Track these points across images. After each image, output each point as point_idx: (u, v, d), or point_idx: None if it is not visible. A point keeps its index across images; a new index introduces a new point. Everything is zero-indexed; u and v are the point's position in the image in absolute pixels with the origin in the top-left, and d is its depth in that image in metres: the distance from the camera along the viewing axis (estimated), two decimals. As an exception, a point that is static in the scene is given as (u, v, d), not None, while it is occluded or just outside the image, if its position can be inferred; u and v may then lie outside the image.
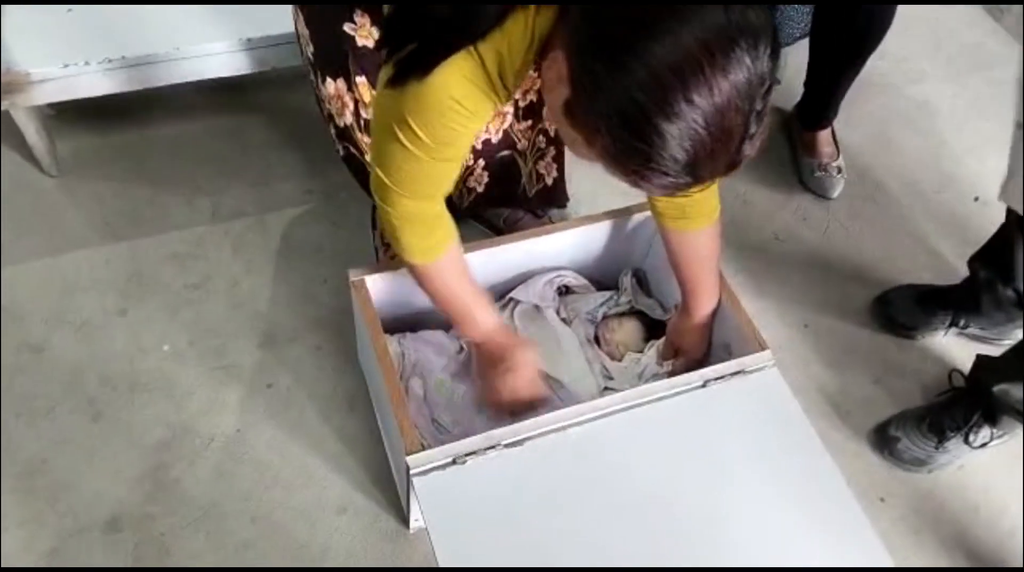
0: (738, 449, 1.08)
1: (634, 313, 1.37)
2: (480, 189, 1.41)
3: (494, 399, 1.15)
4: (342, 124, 1.27)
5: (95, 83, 1.39)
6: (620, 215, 1.29)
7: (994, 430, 1.34)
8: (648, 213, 1.30)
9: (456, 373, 1.29)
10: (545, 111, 1.28)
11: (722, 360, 1.13)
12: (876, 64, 1.66)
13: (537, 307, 1.33)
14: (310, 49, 1.23)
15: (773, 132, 1.86)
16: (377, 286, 1.19)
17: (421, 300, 1.28)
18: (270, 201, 1.64)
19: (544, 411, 1.06)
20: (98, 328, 1.44)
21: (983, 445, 1.35)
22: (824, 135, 1.75)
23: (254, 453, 1.32)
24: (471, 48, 0.79)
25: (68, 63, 1.36)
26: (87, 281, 1.50)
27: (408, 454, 1.00)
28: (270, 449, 1.33)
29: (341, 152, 1.36)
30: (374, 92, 1.15)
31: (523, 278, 1.34)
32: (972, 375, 1.37)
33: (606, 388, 1.29)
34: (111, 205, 1.61)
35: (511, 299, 1.34)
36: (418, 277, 1.07)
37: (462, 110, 0.84)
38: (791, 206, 1.74)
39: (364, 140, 1.27)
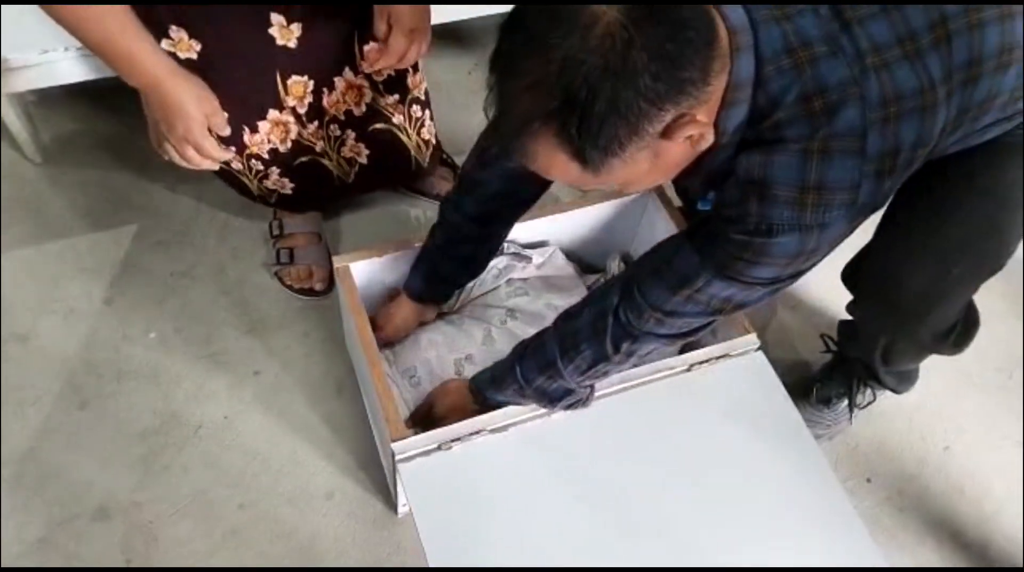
0: (723, 433, 1.08)
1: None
2: (288, 192, 1.38)
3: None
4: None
5: (74, 69, 1.37)
6: (608, 198, 1.28)
7: (875, 388, 1.35)
8: (635, 196, 1.30)
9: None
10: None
11: (707, 344, 1.14)
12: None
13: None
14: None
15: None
16: (362, 272, 1.19)
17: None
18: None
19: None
20: (84, 316, 1.43)
21: (869, 404, 1.36)
22: None
23: (242, 440, 1.32)
24: None
25: (47, 49, 1.34)
26: (72, 269, 1.49)
27: (393, 440, 1.00)
28: (258, 436, 1.33)
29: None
30: None
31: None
32: (839, 343, 1.37)
33: None
34: (95, 192, 1.59)
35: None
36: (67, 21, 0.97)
37: None
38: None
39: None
